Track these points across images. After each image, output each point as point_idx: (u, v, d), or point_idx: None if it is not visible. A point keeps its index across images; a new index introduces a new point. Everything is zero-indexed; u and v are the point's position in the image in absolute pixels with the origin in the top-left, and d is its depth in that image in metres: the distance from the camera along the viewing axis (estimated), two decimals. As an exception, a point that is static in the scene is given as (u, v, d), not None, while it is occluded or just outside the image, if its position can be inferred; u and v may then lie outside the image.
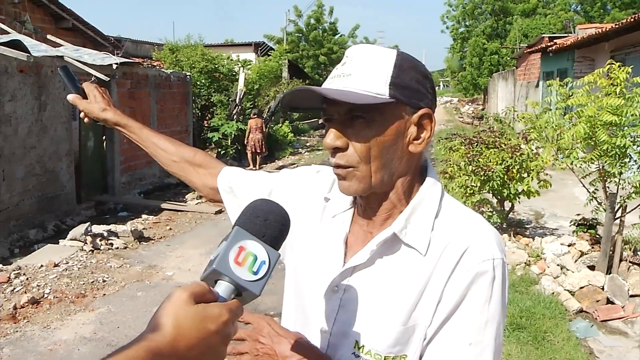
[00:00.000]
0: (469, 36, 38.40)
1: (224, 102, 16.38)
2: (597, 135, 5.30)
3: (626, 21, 10.89)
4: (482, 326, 1.03)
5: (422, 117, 1.08)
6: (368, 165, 1.06)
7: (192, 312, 0.81)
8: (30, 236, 7.67)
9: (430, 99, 1.10)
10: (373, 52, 1.09)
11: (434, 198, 1.12)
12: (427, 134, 1.09)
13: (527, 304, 5.18)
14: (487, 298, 1.03)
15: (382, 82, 1.04)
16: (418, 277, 1.06)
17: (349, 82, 1.05)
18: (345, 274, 1.13)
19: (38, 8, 12.00)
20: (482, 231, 1.08)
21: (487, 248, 1.05)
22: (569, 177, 7.98)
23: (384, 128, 1.05)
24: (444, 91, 72.94)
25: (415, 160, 1.12)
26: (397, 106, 1.06)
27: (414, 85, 1.07)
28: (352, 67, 1.07)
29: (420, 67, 1.09)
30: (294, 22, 35.95)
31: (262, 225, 0.93)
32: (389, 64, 1.06)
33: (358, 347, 1.10)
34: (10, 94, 7.52)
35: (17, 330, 4.93)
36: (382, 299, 1.08)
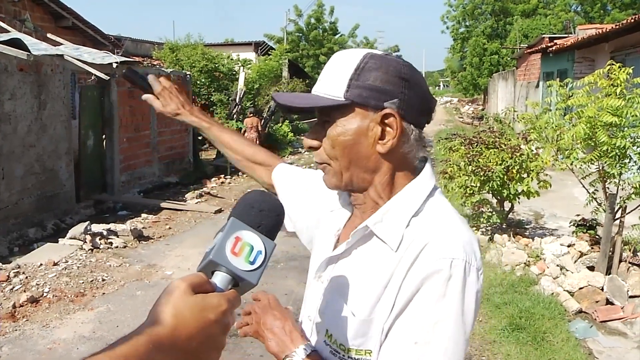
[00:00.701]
0: (469, 36, 38.41)
1: (224, 101, 16.39)
2: (597, 136, 5.30)
3: (626, 22, 10.90)
4: (431, 325, 1.00)
5: (385, 116, 1.08)
6: (337, 162, 1.12)
7: (191, 302, 0.81)
8: (29, 235, 7.66)
9: (402, 99, 1.08)
10: (343, 55, 1.13)
11: (417, 197, 1.11)
12: (392, 134, 1.08)
13: (526, 304, 5.18)
14: (440, 297, 1.00)
15: (341, 84, 1.09)
16: (385, 271, 1.07)
17: (318, 87, 1.13)
18: (330, 263, 1.18)
19: (38, 6, 11.99)
20: (449, 231, 1.06)
21: (447, 247, 1.03)
22: (568, 178, 7.98)
23: (345, 128, 1.09)
24: (444, 91, 72.98)
25: (392, 161, 1.12)
26: (354, 107, 1.09)
27: (378, 85, 1.07)
28: (325, 72, 1.14)
29: (391, 67, 1.09)
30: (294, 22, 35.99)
31: (257, 216, 0.94)
32: (352, 65, 1.09)
33: (327, 336, 1.14)
34: (10, 92, 7.52)
35: (16, 329, 4.93)
36: (351, 290, 1.12)
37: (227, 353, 4.38)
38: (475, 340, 4.73)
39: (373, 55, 1.10)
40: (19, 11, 11.30)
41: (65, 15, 12.65)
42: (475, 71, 34.95)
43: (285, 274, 6.26)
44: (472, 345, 4.65)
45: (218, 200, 10.80)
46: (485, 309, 5.27)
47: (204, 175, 13.47)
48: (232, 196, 11.18)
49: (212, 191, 11.59)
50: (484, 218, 7.34)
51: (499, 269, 6.21)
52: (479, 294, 1.04)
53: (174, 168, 13.09)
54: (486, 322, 5.05)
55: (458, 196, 7.30)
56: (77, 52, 9.94)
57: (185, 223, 9.01)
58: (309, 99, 1.12)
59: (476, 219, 7.60)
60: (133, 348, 0.76)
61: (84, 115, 9.86)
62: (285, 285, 5.88)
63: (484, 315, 5.18)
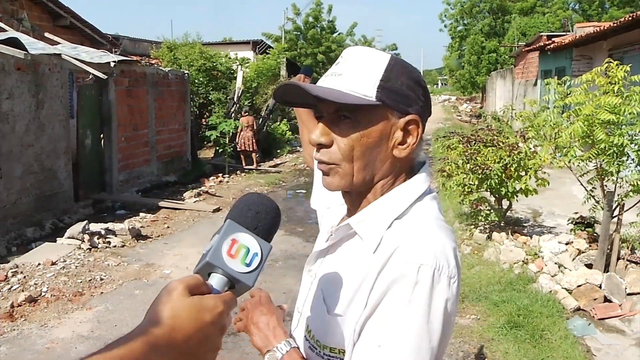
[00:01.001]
0: (467, 34, 38.37)
1: (222, 100, 16.37)
2: (594, 133, 5.31)
3: (624, 20, 10.90)
4: (395, 330, 0.97)
5: (409, 122, 1.09)
6: (351, 164, 1.09)
7: (188, 303, 0.82)
8: (27, 234, 7.66)
9: (420, 106, 1.10)
10: (367, 54, 1.10)
11: (404, 200, 1.10)
12: (413, 140, 1.10)
13: (524, 302, 5.19)
14: (405, 302, 0.97)
15: (371, 84, 1.06)
16: (360, 271, 1.07)
17: (339, 82, 1.08)
18: (319, 257, 1.20)
19: (36, 6, 11.97)
20: (422, 236, 1.04)
21: (416, 252, 1.00)
22: (566, 176, 7.98)
23: (369, 129, 1.07)
24: (442, 89, 72.97)
25: (401, 164, 1.12)
26: (384, 109, 1.08)
27: (404, 90, 1.08)
28: (345, 67, 1.10)
29: (413, 73, 1.11)
30: (293, 20, 35.97)
31: (253, 218, 0.95)
32: (381, 67, 1.08)
33: (307, 331, 1.16)
34: (7, 92, 7.51)
35: (14, 329, 4.93)
36: (331, 287, 1.12)
37: (226, 352, 4.38)
38: (473, 338, 4.74)
39: (397, 60, 1.11)
40: (16, 10, 11.28)
41: (63, 15, 12.63)
42: (474, 69, 34.93)
43: (284, 273, 6.26)
44: (470, 343, 4.66)
45: (216, 199, 10.80)
46: (484, 306, 5.28)
47: (202, 174, 13.46)
48: (230, 195, 11.18)
49: (210, 190, 11.58)
50: (482, 216, 7.34)
51: (497, 267, 6.22)
52: (449, 302, 1.00)
53: (173, 167, 13.08)
54: (484, 320, 5.05)
55: (456, 194, 7.30)
56: (75, 51, 9.93)
57: (183, 222, 9.00)
58: (336, 94, 1.06)
59: (474, 217, 7.61)
60: (130, 349, 0.77)
61: (82, 115, 9.85)
62: (284, 284, 5.89)
63: (482, 313, 5.19)
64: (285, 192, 11.97)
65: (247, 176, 13.58)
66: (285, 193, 11.91)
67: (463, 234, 7.59)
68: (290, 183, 12.72)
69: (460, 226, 7.99)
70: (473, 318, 5.14)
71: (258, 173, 14.08)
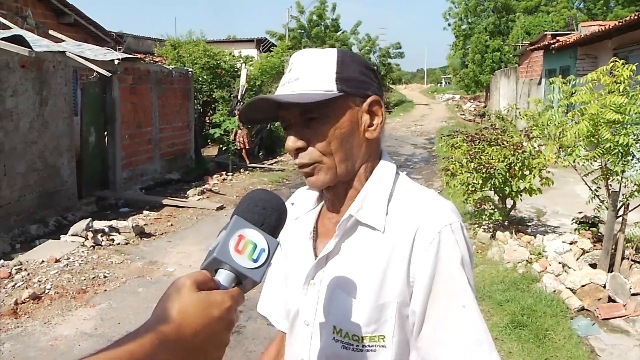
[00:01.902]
0: (471, 33, 38.29)
1: (225, 98, 16.37)
2: (600, 133, 5.29)
3: (629, 19, 10.86)
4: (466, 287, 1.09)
5: (372, 104, 1.16)
6: (332, 158, 1.13)
7: (196, 299, 0.83)
8: (31, 231, 7.67)
9: (376, 87, 1.18)
10: (315, 54, 1.16)
11: (387, 178, 1.17)
12: (379, 119, 1.17)
13: (528, 301, 5.17)
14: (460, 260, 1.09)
15: (329, 78, 1.11)
16: (379, 254, 1.11)
17: (298, 86, 1.12)
18: (319, 265, 1.19)
19: (40, 3, 11.99)
20: (432, 204, 1.14)
21: (438, 216, 1.11)
22: (571, 175, 7.96)
23: (339, 121, 1.13)
24: (446, 88, 72.86)
25: (374, 146, 1.19)
26: (347, 98, 1.13)
27: (359, 76, 1.15)
28: (298, 71, 1.14)
29: (361, 60, 1.19)
30: (296, 19, 35.95)
31: (260, 214, 0.95)
32: (332, 61, 1.13)
33: (336, 332, 1.15)
34: (11, 89, 7.51)
35: (18, 326, 4.93)
36: (352, 280, 1.14)
37: (229, 350, 4.37)
38: (477, 337, 4.72)
39: (344, 52, 1.18)
40: (20, 8, 11.29)
41: (67, 12, 12.64)
42: (477, 68, 34.87)
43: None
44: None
45: (220, 197, 10.81)
46: (487, 306, 5.27)
47: (205, 172, 13.47)
48: (233, 193, 11.18)
49: (213, 188, 11.59)
50: (486, 215, 7.33)
51: (501, 266, 6.21)
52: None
53: (176, 165, 13.09)
54: (488, 320, 5.04)
55: (460, 193, 7.29)
56: (79, 48, 9.93)
57: (187, 220, 9.01)
58: (300, 96, 1.10)
59: (478, 216, 7.59)
60: (139, 344, 0.77)
61: (85, 112, 9.86)
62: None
63: (486, 312, 5.18)
64: (289, 190, 11.96)
65: (251, 174, 13.58)
66: (289, 191, 11.90)
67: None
68: (294, 181, 12.71)
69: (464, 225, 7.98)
70: (476, 317, 5.13)
71: (262, 171, 14.08)
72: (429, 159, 16.38)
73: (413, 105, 44.88)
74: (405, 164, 15.37)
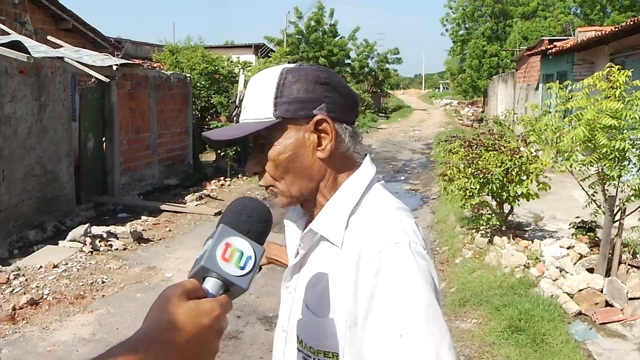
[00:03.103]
0: (469, 38, 38.41)
1: (224, 103, 16.39)
2: (596, 138, 5.31)
3: (626, 24, 10.91)
4: (408, 312, 0.99)
5: (317, 123, 1.11)
6: (282, 181, 1.14)
7: (186, 308, 0.84)
8: (29, 237, 7.67)
9: (328, 102, 1.12)
10: (261, 77, 1.16)
11: (354, 192, 1.14)
12: (329, 138, 1.12)
13: (525, 306, 5.18)
14: (402, 282, 1.00)
15: (268, 104, 1.11)
16: (335, 270, 1.10)
17: (246, 114, 1.15)
18: (294, 272, 1.21)
19: (38, 9, 12.01)
20: (384, 220, 1.08)
21: (386, 234, 1.04)
22: (568, 180, 7.99)
23: (283, 146, 1.12)
24: (444, 93, 72.98)
25: (334, 163, 1.15)
26: (286, 123, 1.11)
27: (302, 96, 1.11)
28: (247, 98, 1.16)
29: (310, 76, 1.12)
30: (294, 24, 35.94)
31: (246, 222, 0.96)
32: (272, 85, 1.12)
33: (299, 342, 1.16)
34: (10, 94, 7.52)
35: (16, 331, 4.93)
36: (313, 292, 1.13)
37: (228, 355, 4.38)
38: (474, 342, 4.74)
39: (289, 70, 1.14)
40: (19, 14, 11.31)
41: (65, 18, 12.67)
42: (475, 73, 34.96)
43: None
44: (471, 347, 4.66)
45: (218, 203, 10.81)
46: (485, 311, 5.28)
47: (204, 177, 13.48)
48: (231, 198, 11.16)
49: (212, 193, 11.60)
50: (484, 220, 7.34)
51: (499, 271, 6.22)
52: (432, 267, 1.05)
53: (174, 170, 13.09)
54: (485, 324, 5.05)
55: (458, 198, 7.30)
56: (78, 54, 9.95)
57: (185, 225, 9.01)
58: (240, 128, 1.13)
59: (476, 221, 7.61)
60: (130, 354, 0.78)
61: (84, 118, 9.87)
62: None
63: (483, 317, 5.19)
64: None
65: (249, 180, 13.59)
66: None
67: (464, 238, 7.60)
68: (292, 186, 12.71)
69: (461, 230, 8.00)
70: (474, 322, 5.14)
71: (259, 176, 14.07)
72: (426, 164, 16.40)
73: (411, 111, 44.97)
74: (403, 169, 15.39)
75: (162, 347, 0.80)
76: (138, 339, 0.80)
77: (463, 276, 6.33)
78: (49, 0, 12.05)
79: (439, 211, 9.68)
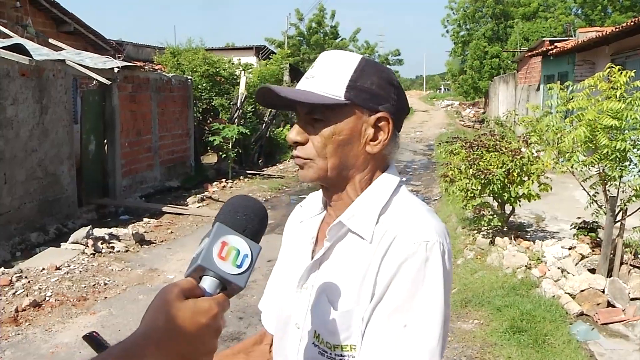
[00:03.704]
0: (470, 40, 38.41)
1: (225, 105, 16.39)
2: (597, 138, 5.31)
3: (627, 24, 10.91)
4: (419, 307, 1.02)
5: (379, 119, 1.14)
6: (325, 160, 1.14)
7: (184, 307, 0.84)
8: (31, 239, 7.68)
9: (392, 104, 1.15)
10: (339, 56, 1.16)
11: (385, 191, 1.16)
12: (384, 136, 1.15)
13: (527, 307, 5.18)
14: (421, 278, 1.03)
15: (340, 84, 1.11)
16: (362, 263, 1.10)
17: (311, 84, 1.14)
18: (313, 268, 1.20)
19: (40, 12, 12.03)
20: (419, 219, 1.10)
21: (419, 232, 1.06)
22: (569, 181, 7.98)
23: (340, 127, 1.12)
24: (445, 95, 72.96)
25: (375, 160, 1.18)
26: (353, 108, 1.12)
27: (374, 89, 1.13)
28: (318, 70, 1.15)
29: (384, 73, 1.16)
30: (296, 26, 36.04)
31: (242, 220, 0.97)
32: (350, 67, 1.13)
33: (316, 337, 1.16)
34: (12, 97, 7.54)
35: (18, 333, 4.94)
36: (336, 287, 1.13)
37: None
38: (476, 343, 4.74)
39: (368, 61, 1.15)
40: (20, 17, 11.33)
41: (66, 21, 12.69)
42: (476, 74, 34.96)
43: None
44: (473, 348, 4.66)
45: (219, 205, 10.80)
46: (487, 311, 5.28)
47: (205, 179, 13.48)
48: (233, 200, 11.17)
49: (213, 195, 11.61)
50: (485, 221, 7.34)
51: (500, 272, 6.22)
52: (451, 273, 1.08)
53: (176, 172, 13.11)
54: (487, 325, 5.05)
55: (459, 199, 7.31)
56: (79, 57, 9.97)
57: (186, 227, 9.02)
58: (305, 94, 1.12)
59: (477, 222, 7.61)
60: (129, 353, 0.78)
61: (85, 120, 9.89)
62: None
63: (485, 318, 5.19)
64: (289, 198, 11.98)
65: (250, 181, 13.60)
66: (289, 198, 11.92)
67: (466, 239, 7.60)
68: (294, 188, 12.73)
69: (463, 231, 7.99)
70: (476, 323, 5.14)
71: (261, 178, 14.10)
72: (428, 166, 16.40)
73: (412, 112, 44.93)
74: (404, 171, 15.39)
75: (161, 347, 0.81)
76: (136, 339, 0.81)
77: (465, 277, 6.33)
78: (50, 3, 12.07)
79: (441, 212, 9.67)
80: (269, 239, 4.77)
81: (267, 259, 7.32)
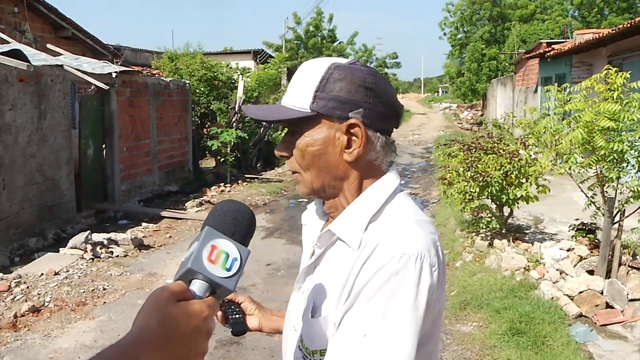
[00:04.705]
0: (467, 42, 38.42)
1: (223, 109, 16.41)
2: (594, 140, 5.32)
3: (623, 26, 10.94)
4: (381, 318, 0.98)
5: (351, 126, 1.11)
6: (307, 172, 1.15)
7: (175, 310, 0.85)
8: (30, 245, 7.68)
9: (366, 108, 1.11)
10: (309, 66, 1.16)
11: (376, 199, 1.14)
12: (358, 143, 1.12)
13: (526, 308, 5.19)
14: (389, 290, 0.99)
15: (307, 95, 1.11)
16: (345, 270, 1.09)
17: (285, 98, 1.16)
18: (308, 273, 1.21)
19: (38, 17, 12.05)
20: (401, 230, 1.07)
21: (397, 244, 1.03)
22: (567, 182, 7.99)
23: (313, 139, 1.12)
24: (443, 97, 73.04)
25: (359, 168, 1.15)
26: (322, 117, 1.11)
27: (342, 96, 1.10)
28: (292, 82, 1.16)
29: (356, 77, 1.11)
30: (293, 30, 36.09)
31: (231, 224, 0.98)
32: (317, 77, 1.12)
33: (301, 341, 1.17)
34: (10, 103, 7.55)
35: (17, 339, 4.94)
36: (321, 294, 1.14)
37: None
38: (475, 345, 4.74)
39: (338, 66, 1.13)
40: (18, 22, 11.35)
41: (64, 26, 12.71)
42: (474, 77, 34.96)
43: (285, 282, 6.27)
44: (472, 350, 4.67)
45: (218, 209, 10.79)
46: (485, 313, 5.28)
47: (204, 183, 13.49)
48: (232, 204, 11.17)
49: (212, 200, 11.60)
50: (484, 223, 7.35)
51: (499, 274, 6.22)
52: (433, 290, 1.02)
53: (174, 177, 13.11)
54: (486, 327, 5.06)
55: (457, 202, 7.31)
56: (77, 62, 9.98)
57: (185, 231, 9.02)
58: (277, 111, 1.15)
59: (475, 225, 7.61)
60: (122, 356, 0.79)
61: (84, 125, 9.89)
62: (286, 292, 5.88)
63: (484, 320, 5.20)
64: (287, 201, 11.98)
65: (249, 185, 13.60)
66: (287, 202, 11.93)
67: (464, 242, 7.60)
68: (292, 192, 12.73)
69: (461, 234, 8.00)
70: (475, 325, 5.15)
71: (260, 182, 14.10)
72: (426, 168, 16.41)
73: (410, 115, 44.98)
74: (403, 174, 15.39)
75: (154, 349, 0.82)
76: (129, 341, 0.82)
77: (463, 279, 6.34)
78: (48, 9, 12.10)
79: (439, 215, 9.68)
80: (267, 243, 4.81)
81: (266, 263, 7.36)
